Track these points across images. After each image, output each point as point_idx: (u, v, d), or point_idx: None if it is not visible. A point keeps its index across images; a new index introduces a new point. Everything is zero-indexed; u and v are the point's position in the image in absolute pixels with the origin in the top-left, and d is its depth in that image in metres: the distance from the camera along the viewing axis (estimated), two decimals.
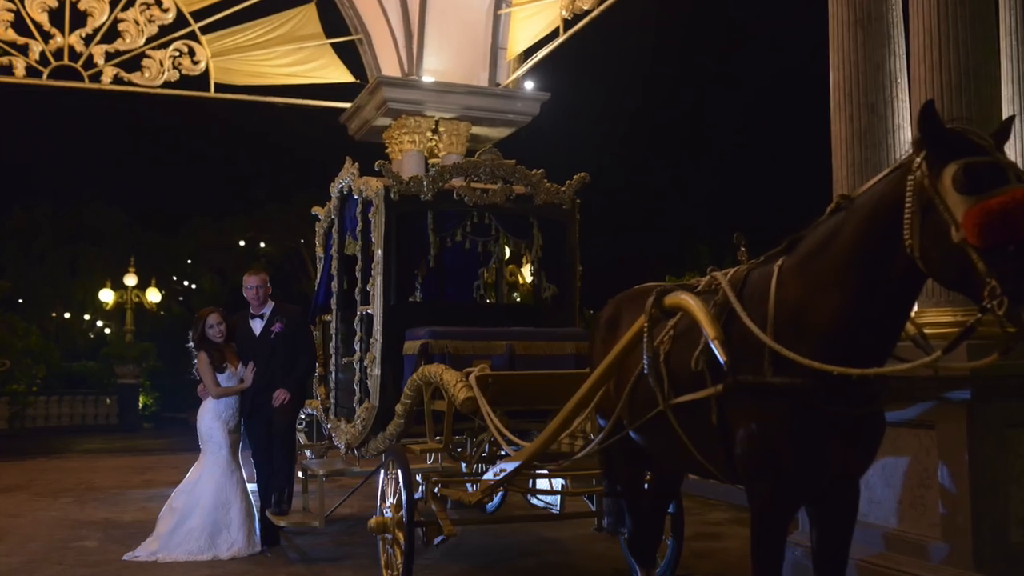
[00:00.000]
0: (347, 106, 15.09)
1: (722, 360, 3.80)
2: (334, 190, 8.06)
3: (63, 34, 13.33)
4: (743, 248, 4.37)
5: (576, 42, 12.95)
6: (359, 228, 7.38)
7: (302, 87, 14.87)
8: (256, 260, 33.42)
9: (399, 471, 5.95)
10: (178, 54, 13.90)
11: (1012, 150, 5.51)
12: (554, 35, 13.12)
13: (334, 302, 8.13)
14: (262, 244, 37.75)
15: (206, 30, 14.08)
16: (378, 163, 7.23)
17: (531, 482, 6.65)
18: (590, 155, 29.12)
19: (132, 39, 13.67)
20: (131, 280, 27.30)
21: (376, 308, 7.04)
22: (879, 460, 4.89)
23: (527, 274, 17.34)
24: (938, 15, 5.38)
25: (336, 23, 14.94)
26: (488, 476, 5.93)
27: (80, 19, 13.45)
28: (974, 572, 4.92)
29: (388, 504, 6.16)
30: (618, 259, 28.28)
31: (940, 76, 5.35)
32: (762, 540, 3.85)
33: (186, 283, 38.97)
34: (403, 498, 5.82)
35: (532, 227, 7.46)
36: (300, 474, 8.59)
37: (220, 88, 14.24)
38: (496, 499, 7.81)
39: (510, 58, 14.57)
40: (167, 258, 36.35)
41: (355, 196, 7.51)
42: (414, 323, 6.87)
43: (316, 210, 8.92)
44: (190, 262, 38.43)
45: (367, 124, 14.83)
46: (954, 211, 3.12)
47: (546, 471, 6.10)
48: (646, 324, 4.35)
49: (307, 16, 14.65)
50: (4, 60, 13.10)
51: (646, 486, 5.47)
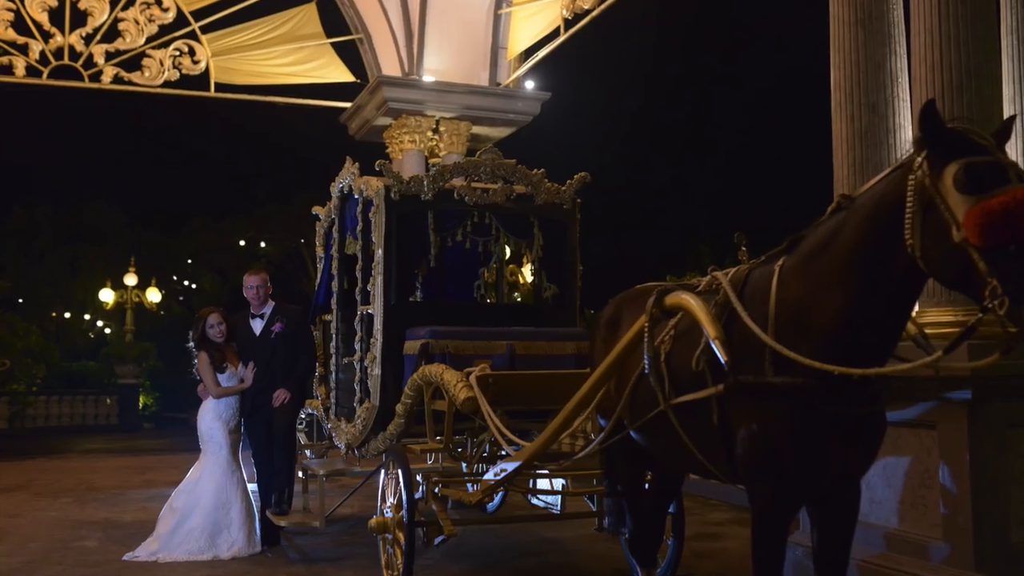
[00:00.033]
0: (347, 106, 15.10)
1: (723, 360, 3.80)
2: (334, 190, 8.05)
3: (63, 33, 13.34)
4: (744, 248, 4.37)
5: (577, 41, 12.96)
6: (359, 228, 7.37)
7: (302, 87, 14.89)
8: (256, 260, 33.39)
9: (399, 471, 5.95)
10: (178, 53, 13.92)
11: (1013, 150, 5.51)
12: (555, 34, 13.13)
13: (334, 302, 8.12)
14: (262, 244, 37.69)
15: (206, 29, 14.09)
16: (378, 163, 7.23)
17: (532, 482, 6.64)
18: (591, 155, 29.16)
19: (132, 38, 13.69)
20: (131, 280, 27.25)
21: (376, 308, 7.04)
22: (880, 460, 4.89)
23: (528, 274, 17.33)
24: (939, 14, 5.38)
25: (336, 23, 14.95)
26: (489, 476, 5.93)
27: (80, 18, 13.47)
28: (975, 572, 4.91)
29: (389, 504, 6.16)
30: (619, 259, 28.31)
31: (941, 75, 5.35)
32: (763, 540, 3.85)
33: (186, 283, 38.89)
34: (404, 498, 5.81)
35: (533, 227, 7.45)
36: (300, 474, 8.58)
37: (220, 88, 14.25)
38: (497, 499, 7.80)
39: (511, 57, 14.57)
40: (167, 258, 36.28)
41: (355, 196, 7.50)
42: (415, 323, 6.87)
43: (316, 210, 8.91)
44: (190, 262, 38.35)
45: (367, 124, 14.83)
46: (955, 211, 3.12)
47: (547, 471, 6.09)
48: (647, 324, 4.35)
49: (307, 15, 14.66)
50: (4, 60, 13.11)
51: (647, 486, 5.47)
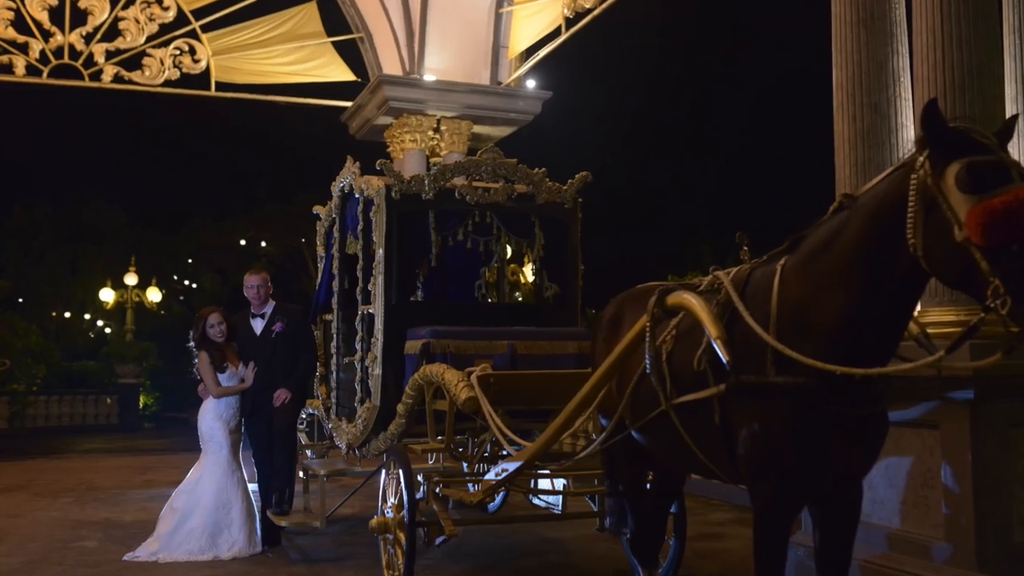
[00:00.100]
0: (348, 105, 15.09)
1: (724, 360, 3.79)
2: (335, 189, 8.05)
3: (63, 32, 13.33)
4: (746, 248, 4.36)
5: (578, 41, 12.95)
6: (360, 227, 7.37)
7: (303, 86, 14.88)
8: (257, 259, 33.38)
9: (400, 471, 5.94)
10: (179, 52, 13.91)
11: (1015, 149, 5.49)
12: (556, 33, 13.12)
13: (335, 301, 8.11)
14: (263, 243, 37.68)
15: (207, 28, 14.09)
16: (379, 162, 7.22)
17: (533, 482, 6.63)
18: (592, 154, 29.19)
19: (132, 37, 13.69)
20: (131, 279, 27.23)
21: (377, 307, 7.03)
22: (882, 460, 4.90)
23: (529, 273, 17.33)
24: (941, 14, 5.37)
25: (337, 21, 14.95)
26: (490, 476, 5.92)
27: (80, 17, 13.46)
28: (977, 572, 4.91)
29: (389, 504, 6.14)
30: (620, 258, 28.33)
31: (943, 75, 5.35)
32: (765, 540, 3.85)
33: (187, 282, 38.87)
34: (404, 498, 5.80)
35: (534, 226, 7.44)
36: (301, 474, 8.58)
37: (221, 87, 14.25)
38: (498, 499, 7.79)
39: (512, 56, 14.56)
40: (168, 257, 36.25)
41: (356, 195, 7.50)
42: (415, 322, 6.86)
43: (317, 209, 8.90)
44: (191, 261, 38.33)
45: (368, 123, 14.83)
46: (957, 210, 3.11)
47: (548, 471, 6.09)
48: (648, 324, 4.34)
49: (308, 14, 14.66)
50: (4, 59, 13.10)
51: (648, 486, 5.46)
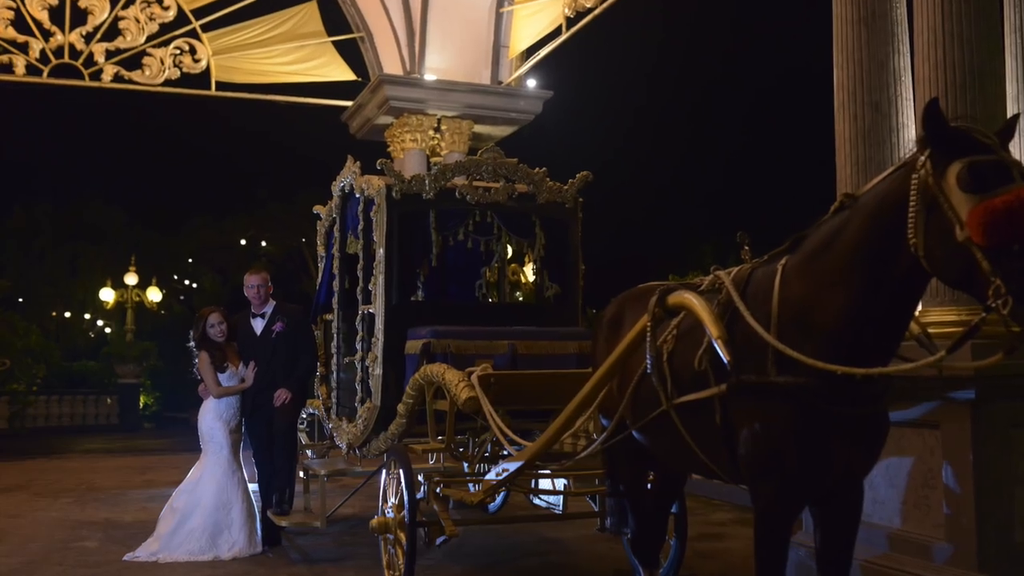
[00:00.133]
0: (349, 104, 15.09)
1: (725, 360, 3.78)
2: (336, 189, 8.04)
3: (63, 32, 13.33)
4: (747, 247, 4.35)
5: (579, 40, 12.95)
6: (361, 227, 7.36)
7: (303, 85, 14.88)
8: (257, 259, 33.44)
9: (401, 471, 5.93)
10: (179, 52, 13.91)
11: (1017, 148, 5.49)
12: (556, 33, 13.11)
13: (336, 301, 8.10)
14: (263, 243, 37.69)
15: (207, 28, 14.08)
16: (380, 161, 7.21)
17: (533, 482, 6.63)
18: (593, 154, 29.22)
19: (133, 37, 13.68)
20: (132, 279, 27.22)
21: (378, 307, 7.02)
22: (883, 460, 4.89)
23: (529, 273, 17.33)
24: (942, 13, 5.37)
25: (337, 21, 14.94)
26: (490, 476, 5.92)
27: (80, 17, 13.46)
28: (978, 573, 4.91)
29: (390, 504, 6.14)
30: (621, 258, 28.33)
31: (944, 74, 5.34)
32: (766, 540, 3.84)
33: (187, 282, 38.88)
34: (405, 498, 5.80)
35: (535, 226, 7.42)
36: (302, 474, 8.58)
37: (221, 86, 14.24)
38: (498, 499, 7.79)
39: (512, 56, 14.55)
40: (168, 257, 36.27)
41: (357, 195, 7.49)
42: (416, 322, 6.85)
43: (318, 209, 8.89)
44: (191, 261, 38.35)
45: (369, 122, 14.82)
46: (958, 210, 3.11)
47: (549, 471, 6.08)
48: (649, 323, 4.34)
49: (308, 14, 14.65)
50: (4, 58, 13.10)
51: (649, 486, 5.45)
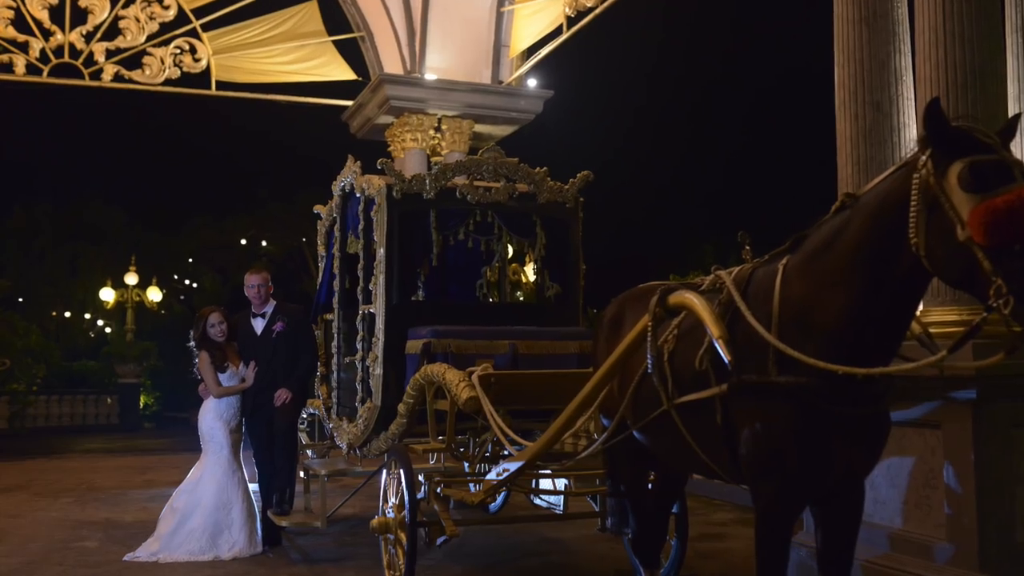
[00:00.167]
0: (349, 104, 15.09)
1: (726, 359, 3.78)
2: (336, 188, 8.03)
3: (63, 31, 13.32)
4: (748, 247, 4.35)
5: (579, 40, 12.94)
6: (361, 227, 7.35)
7: (304, 85, 14.88)
8: (258, 259, 33.41)
9: (401, 471, 5.93)
10: (179, 51, 13.90)
11: (1018, 148, 5.48)
12: (557, 32, 13.11)
13: (336, 301, 8.10)
14: (264, 243, 37.68)
15: (207, 27, 14.08)
16: (380, 161, 7.20)
17: (534, 482, 6.63)
18: (593, 153, 29.19)
19: (133, 36, 13.68)
20: (132, 279, 27.19)
21: (378, 307, 7.01)
22: (884, 460, 4.88)
23: (530, 273, 17.32)
24: (943, 12, 5.36)
25: (338, 20, 14.94)
26: (491, 476, 5.91)
27: (81, 16, 13.45)
28: (979, 573, 4.91)
29: (390, 504, 6.13)
30: (622, 258, 28.32)
31: (945, 74, 5.34)
32: (767, 540, 3.83)
33: (187, 282, 38.83)
34: (406, 498, 5.79)
35: (535, 225, 7.41)
36: (302, 474, 8.57)
37: (221, 86, 14.24)
38: (499, 499, 7.79)
39: (513, 55, 14.55)
40: (168, 256, 36.23)
41: (357, 194, 7.48)
42: (416, 322, 6.84)
43: (318, 208, 8.88)
44: (191, 261, 38.31)
45: (369, 122, 14.82)
46: (959, 209, 3.10)
47: (549, 471, 6.08)
48: (650, 323, 4.33)
49: (309, 13, 14.65)
50: (4, 58, 13.09)
51: (650, 486, 5.45)
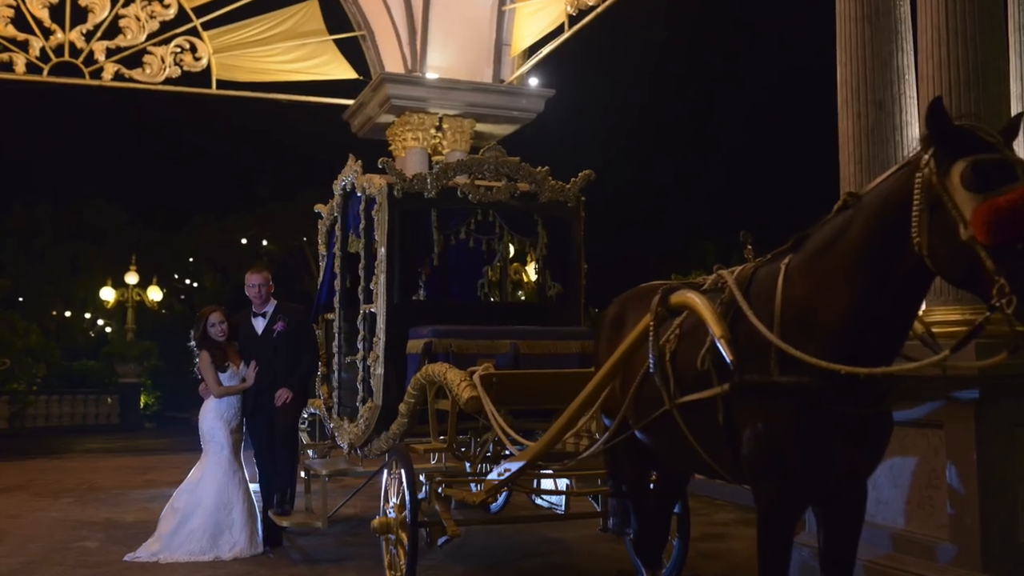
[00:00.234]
0: (350, 103, 15.09)
1: (728, 359, 3.77)
2: (337, 187, 8.02)
3: (64, 30, 13.33)
4: (750, 246, 4.33)
5: (581, 38, 12.94)
6: (362, 226, 7.34)
7: (305, 84, 14.88)
8: (259, 258, 33.46)
9: (403, 471, 5.92)
10: (180, 50, 13.91)
11: (1021, 147, 5.46)
12: (559, 31, 13.11)
13: (337, 300, 8.09)
14: (265, 242, 37.70)
15: (208, 26, 14.08)
16: (381, 160, 7.19)
17: (536, 482, 6.61)
18: (595, 152, 29.06)
19: (133, 35, 13.68)
20: (132, 278, 27.20)
21: (379, 307, 7.00)
22: (887, 460, 4.86)
23: (532, 272, 17.31)
24: (946, 11, 5.35)
25: (339, 19, 14.95)
26: (492, 476, 5.91)
27: (81, 15, 13.46)
28: (982, 573, 4.90)
29: (392, 504, 6.13)
30: (623, 257, 28.28)
31: (948, 72, 5.33)
32: (769, 541, 3.82)
33: (188, 281, 38.85)
34: (407, 498, 5.79)
35: (537, 225, 7.40)
36: (303, 474, 8.56)
37: (222, 85, 14.25)
38: (500, 499, 7.77)
39: (514, 54, 14.55)
40: (169, 256, 36.25)
41: (358, 194, 7.47)
42: (418, 322, 6.83)
43: (319, 208, 8.87)
44: (192, 260, 38.32)
45: (370, 121, 14.82)
46: (962, 209, 3.09)
47: (551, 471, 6.07)
48: (652, 323, 4.32)
49: (310, 12, 14.65)
50: (4, 56, 13.11)
51: (652, 486, 5.44)
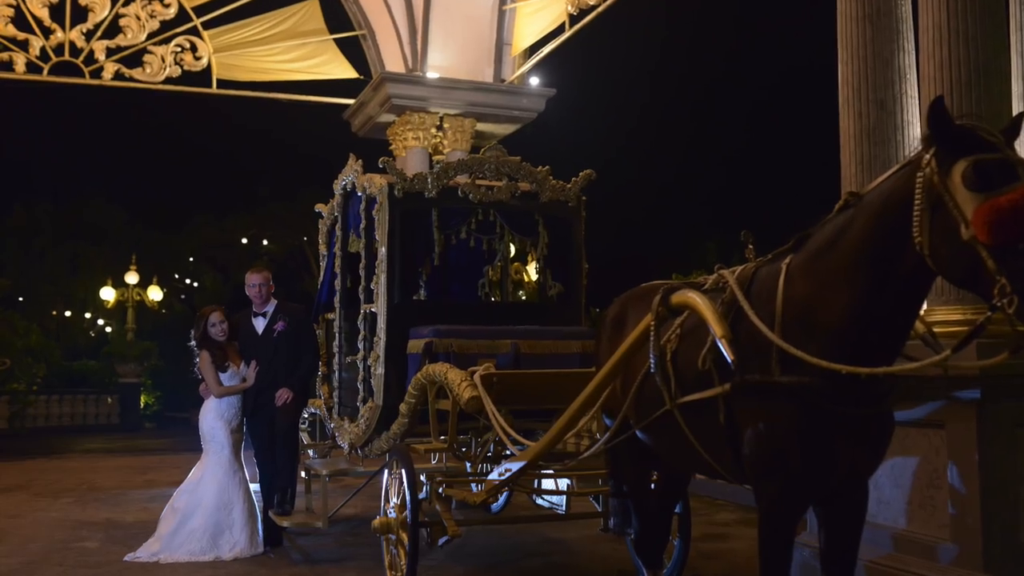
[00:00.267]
0: (351, 102, 15.08)
1: (729, 359, 3.77)
2: (338, 187, 8.02)
3: (64, 30, 13.33)
4: (751, 246, 4.33)
5: (581, 38, 12.94)
6: (363, 226, 7.34)
7: (305, 83, 14.89)
8: (259, 258, 33.46)
9: (403, 471, 5.92)
10: (180, 50, 13.91)
11: (1022, 147, 5.46)
12: (560, 30, 13.10)
13: (337, 300, 8.08)
14: (265, 242, 37.68)
15: (208, 25, 14.08)
16: (382, 160, 7.18)
17: (536, 482, 6.61)
18: (596, 152, 29.00)
19: (133, 35, 13.68)
20: (132, 278, 27.18)
21: (380, 306, 7.00)
22: (888, 460, 4.85)
23: (532, 272, 17.31)
24: (947, 10, 5.35)
25: (339, 18, 14.95)
26: (493, 476, 5.90)
27: (81, 14, 13.46)
28: (983, 574, 4.89)
29: (392, 504, 6.13)
30: (624, 257, 28.27)
31: (949, 72, 5.32)
32: (770, 541, 3.82)
33: (188, 281, 38.83)
34: (407, 498, 5.78)
35: (537, 224, 7.40)
36: (303, 474, 8.56)
37: (222, 84, 14.25)
38: (501, 499, 7.78)
39: (515, 54, 14.55)
40: (169, 256, 36.24)
41: (359, 193, 7.47)
42: (418, 321, 6.83)
43: (319, 207, 8.87)
44: (192, 260, 38.31)
45: (371, 120, 14.81)
46: (963, 208, 3.09)
47: (551, 471, 6.06)
48: (653, 323, 4.32)
49: (310, 11, 14.65)
50: (4, 56, 13.11)
51: (653, 486, 5.44)
